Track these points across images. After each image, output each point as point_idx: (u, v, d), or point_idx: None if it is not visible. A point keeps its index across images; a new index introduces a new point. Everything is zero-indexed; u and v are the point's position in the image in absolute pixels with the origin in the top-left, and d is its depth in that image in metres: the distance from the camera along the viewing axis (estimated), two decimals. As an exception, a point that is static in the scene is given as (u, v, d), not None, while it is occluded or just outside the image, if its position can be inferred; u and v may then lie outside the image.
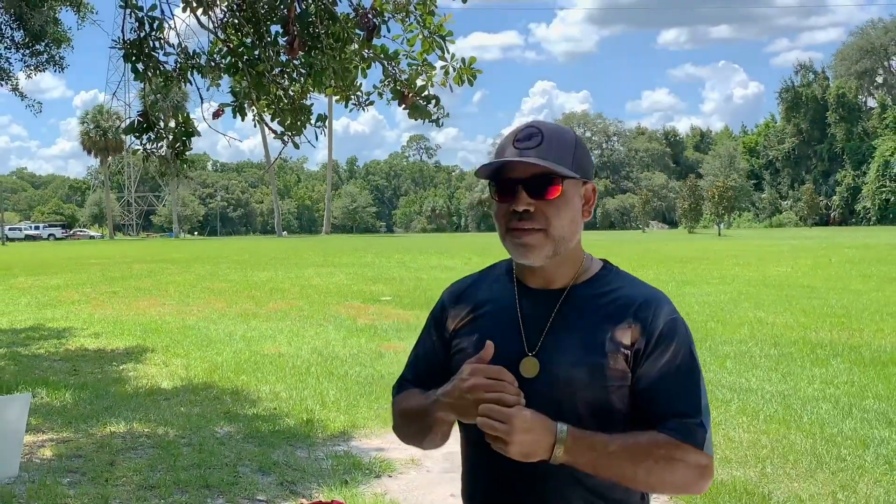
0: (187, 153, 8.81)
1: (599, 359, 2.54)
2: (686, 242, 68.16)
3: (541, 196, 2.51)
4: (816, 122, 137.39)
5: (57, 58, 18.72)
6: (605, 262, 2.79)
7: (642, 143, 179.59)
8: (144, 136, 8.52)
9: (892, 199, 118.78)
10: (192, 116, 8.73)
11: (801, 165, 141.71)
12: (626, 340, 2.55)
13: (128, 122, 8.75)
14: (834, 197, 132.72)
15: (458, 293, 2.91)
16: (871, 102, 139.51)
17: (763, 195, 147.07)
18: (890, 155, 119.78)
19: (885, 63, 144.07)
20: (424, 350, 2.96)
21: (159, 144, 8.64)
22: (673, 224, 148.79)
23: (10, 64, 18.12)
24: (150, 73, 8.33)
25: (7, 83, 18.29)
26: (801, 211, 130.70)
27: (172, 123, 8.76)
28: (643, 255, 46.72)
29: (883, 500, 7.43)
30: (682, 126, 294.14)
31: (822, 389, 11.95)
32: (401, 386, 3.07)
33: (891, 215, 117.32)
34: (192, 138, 8.73)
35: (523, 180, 2.52)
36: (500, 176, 2.58)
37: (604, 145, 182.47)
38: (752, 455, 8.87)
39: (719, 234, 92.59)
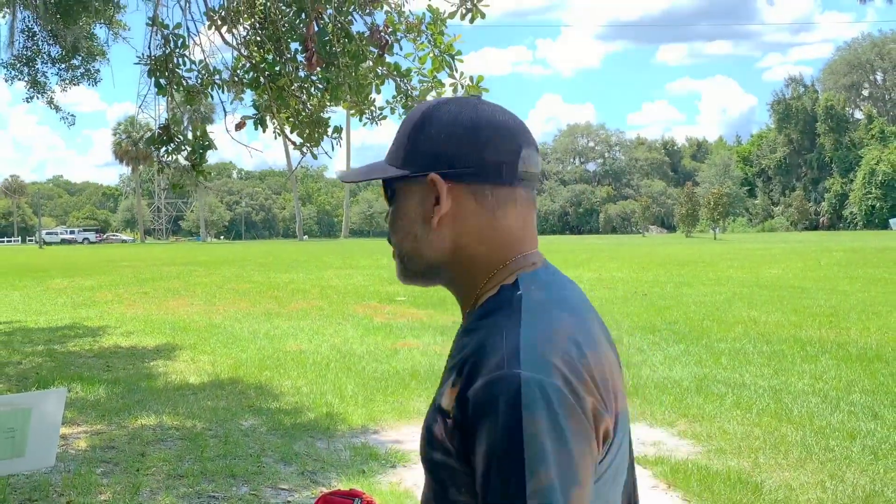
0: (204, 164, 8.83)
1: (430, 422, 1.67)
2: (683, 246, 68.12)
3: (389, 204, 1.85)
4: (806, 132, 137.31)
5: (91, 71, 18.75)
6: (517, 280, 1.74)
7: (642, 153, 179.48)
8: (163, 148, 8.56)
9: (878, 205, 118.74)
10: (216, 128, 8.78)
11: (792, 173, 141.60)
12: (446, 404, 1.62)
13: (150, 134, 8.82)
14: (823, 203, 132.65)
15: None
16: (858, 114, 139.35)
17: (756, 201, 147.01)
18: (875, 164, 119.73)
19: (871, 77, 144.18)
20: None
21: (176, 156, 8.67)
22: (671, 229, 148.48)
23: (46, 78, 18.16)
24: (172, 88, 8.38)
25: (43, 96, 18.32)
26: (792, 216, 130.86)
27: (191, 136, 8.79)
28: (643, 258, 46.64)
29: (869, 488, 7.41)
30: (680, 136, 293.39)
31: (812, 384, 11.92)
32: None
33: (876, 220, 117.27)
34: (208, 151, 8.76)
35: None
36: None
37: (606, 154, 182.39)
38: (746, 446, 8.86)
39: (715, 238, 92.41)
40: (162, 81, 8.32)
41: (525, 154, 1.75)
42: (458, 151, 1.73)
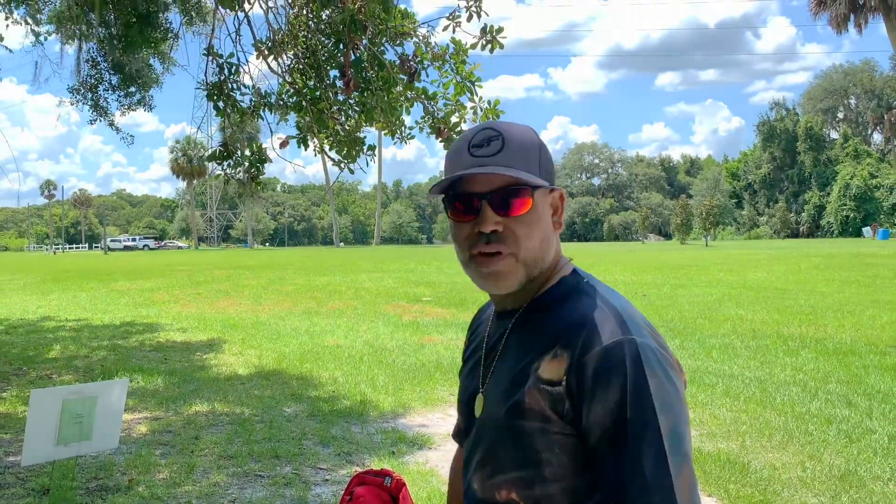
0: (261, 177, 8.88)
1: (518, 395, 1.72)
2: (678, 252, 67.79)
3: (508, 212, 1.75)
4: (788, 150, 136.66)
5: (146, 99, 18.89)
6: (574, 270, 1.92)
7: (642, 169, 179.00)
8: (224, 163, 8.61)
9: (852, 215, 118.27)
10: (263, 146, 8.83)
11: (775, 187, 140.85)
12: (550, 374, 1.68)
13: (210, 151, 8.86)
14: (803, 214, 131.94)
15: (471, 322, 2.22)
16: (834, 134, 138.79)
17: (743, 212, 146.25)
18: (850, 178, 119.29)
19: (846, 101, 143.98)
20: None
21: (237, 170, 8.72)
22: (667, 236, 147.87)
23: (107, 103, 18.26)
24: (228, 111, 8.42)
25: (104, 119, 18.42)
26: (775, 225, 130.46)
27: (248, 152, 8.84)
28: (643, 262, 46.46)
29: (844, 468, 7.40)
30: (676, 154, 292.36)
31: (793, 375, 11.88)
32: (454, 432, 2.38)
33: (850, 229, 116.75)
34: (265, 164, 8.81)
35: (487, 194, 1.76)
36: (457, 189, 1.80)
37: (609, 170, 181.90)
38: (734, 430, 8.84)
39: (706, 245, 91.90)
40: (219, 104, 8.39)
41: None
42: (554, 175, 1.87)
